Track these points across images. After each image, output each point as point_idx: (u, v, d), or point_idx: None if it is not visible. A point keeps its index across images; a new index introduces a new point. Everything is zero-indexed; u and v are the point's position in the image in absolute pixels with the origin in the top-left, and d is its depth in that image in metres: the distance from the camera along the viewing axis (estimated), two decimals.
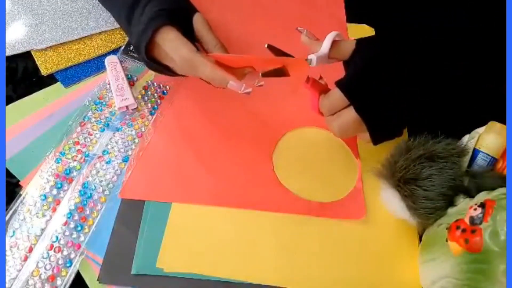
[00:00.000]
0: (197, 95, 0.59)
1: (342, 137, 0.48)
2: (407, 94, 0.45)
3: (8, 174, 0.51)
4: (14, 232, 0.47)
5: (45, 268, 0.46)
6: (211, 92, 0.59)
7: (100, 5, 0.65)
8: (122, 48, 0.62)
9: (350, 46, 0.47)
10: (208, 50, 0.52)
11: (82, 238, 0.48)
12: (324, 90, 0.48)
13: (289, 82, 0.47)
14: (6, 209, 0.48)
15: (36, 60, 0.60)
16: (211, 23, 0.54)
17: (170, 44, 0.48)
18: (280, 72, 0.46)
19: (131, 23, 0.53)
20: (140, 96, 0.58)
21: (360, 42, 0.48)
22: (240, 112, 0.58)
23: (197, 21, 0.53)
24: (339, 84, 0.46)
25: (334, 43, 0.48)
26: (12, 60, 0.60)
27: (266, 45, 0.47)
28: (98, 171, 0.52)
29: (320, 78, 0.50)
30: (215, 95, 0.59)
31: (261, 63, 0.48)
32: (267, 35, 0.47)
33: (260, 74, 0.45)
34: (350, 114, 0.46)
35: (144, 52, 0.50)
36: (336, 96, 0.46)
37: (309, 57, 0.47)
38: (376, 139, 0.48)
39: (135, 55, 0.61)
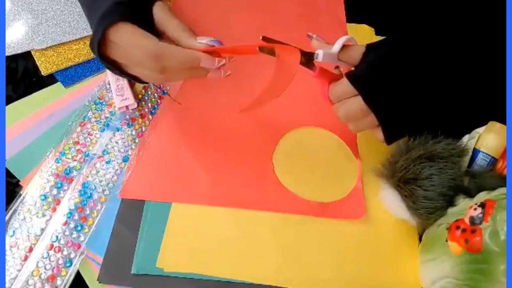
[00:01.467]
0: (197, 95, 0.59)
1: (346, 122, 0.48)
2: (417, 92, 0.46)
3: (8, 174, 0.51)
4: (14, 232, 0.47)
5: (45, 268, 0.46)
6: (211, 92, 0.59)
7: None
8: None
9: (359, 50, 0.48)
10: (176, 37, 0.48)
11: (82, 238, 0.48)
12: (335, 79, 0.49)
13: (283, 70, 0.47)
14: (6, 209, 0.48)
15: (36, 60, 0.60)
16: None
17: (128, 39, 0.43)
18: (269, 51, 0.46)
19: (91, 17, 0.48)
20: (140, 96, 0.58)
21: (370, 44, 0.48)
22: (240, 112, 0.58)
23: (158, 9, 0.48)
24: (348, 74, 0.46)
25: (345, 46, 0.48)
26: (12, 60, 0.60)
27: (261, 37, 0.47)
28: (98, 171, 0.52)
29: (337, 67, 0.50)
30: (215, 95, 0.59)
31: (253, 51, 0.47)
32: (267, 35, 0.47)
33: (258, 48, 0.44)
34: (357, 101, 0.46)
35: (97, 51, 0.45)
36: (345, 84, 0.46)
37: (316, 51, 0.47)
38: (389, 132, 0.47)
39: None
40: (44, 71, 0.59)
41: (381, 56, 0.46)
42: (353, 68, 0.49)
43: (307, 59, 0.47)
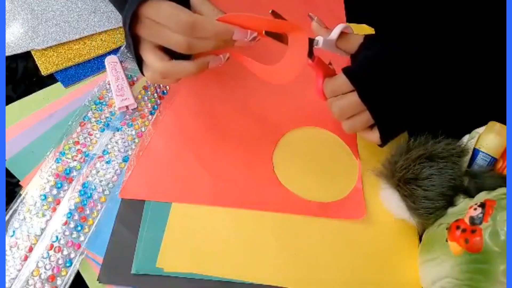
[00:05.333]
0: (197, 95, 0.59)
1: (340, 118, 0.48)
2: (414, 90, 0.46)
3: (8, 174, 0.51)
4: (14, 232, 0.47)
5: (45, 268, 0.46)
6: (211, 92, 0.59)
7: (100, 4, 0.65)
8: (122, 48, 0.62)
9: (357, 40, 0.48)
10: None
11: (82, 238, 0.48)
12: (330, 73, 0.49)
13: (291, 57, 0.47)
14: (6, 209, 0.48)
15: (36, 60, 0.60)
16: None
17: (164, 13, 0.43)
18: (280, 37, 0.46)
19: None
20: (140, 96, 0.58)
21: (368, 37, 0.48)
22: (240, 112, 0.58)
23: None
24: (345, 70, 0.46)
25: (343, 34, 0.48)
26: (12, 60, 0.60)
27: (270, 11, 0.47)
28: (98, 171, 0.52)
29: (330, 64, 0.50)
30: (215, 95, 0.59)
31: (266, 25, 0.47)
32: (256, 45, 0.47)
33: (264, 32, 0.45)
34: (353, 97, 0.46)
35: (128, 27, 0.44)
36: (341, 80, 0.46)
37: (316, 38, 0.47)
38: (384, 131, 0.47)
39: None
40: (44, 71, 0.59)
41: (380, 53, 0.46)
42: (348, 57, 0.49)
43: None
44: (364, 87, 0.45)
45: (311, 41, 0.47)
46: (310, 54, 0.47)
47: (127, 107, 0.57)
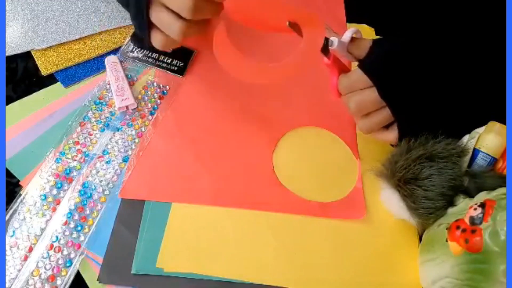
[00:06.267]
0: (197, 95, 0.59)
1: (358, 114, 0.48)
2: (427, 88, 0.46)
3: (8, 174, 0.51)
4: (14, 232, 0.47)
5: (45, 268, 0.46)
6: (211, 92, 0.59)
7: (100, 5, 0.65)
8: (122, 48, 0.62)
9: (367, 44, 0.48)
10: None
11: (82, 238, 0.48)
12: (346, 71, 0.48)
13: (304, 51, 0.46)
14: (6, 209, 0.48)
15: (36, 60, 0.60)
16: None
17: None
18: (298, 30, 0.46)
19: None
20: (140, 96, 0.58)
21: (377, 40, 0.48)
22: (240, 112, 0.58)
23: None
24: (362, 65, 0.46)
25: (353, 39, 0.48)
26: (12, 60, 0.60)
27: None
28: (98, 171, 0.52)
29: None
30: (215, 95, 0.59)
31: (284, 13, 0.46)
32: (267, 35, 0.47)
33: (288, 23, 0.45)
34: (371, 93, 0.45)
35: None
36: (358, 75, 0.46)
37: (331, 38, 0.46)
38: (403, 127, 0.47)
39: (135, 55, 0.61)
40: (44, 71, 0.59)
41: (393, 49, 0.46)
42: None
43: (322, 45, 0.46)
44: (383, 82, 0.45)
45: (326, 40, 0.46)
46: (326, 52, 0.47)
47: (127, 107, 0.57)
